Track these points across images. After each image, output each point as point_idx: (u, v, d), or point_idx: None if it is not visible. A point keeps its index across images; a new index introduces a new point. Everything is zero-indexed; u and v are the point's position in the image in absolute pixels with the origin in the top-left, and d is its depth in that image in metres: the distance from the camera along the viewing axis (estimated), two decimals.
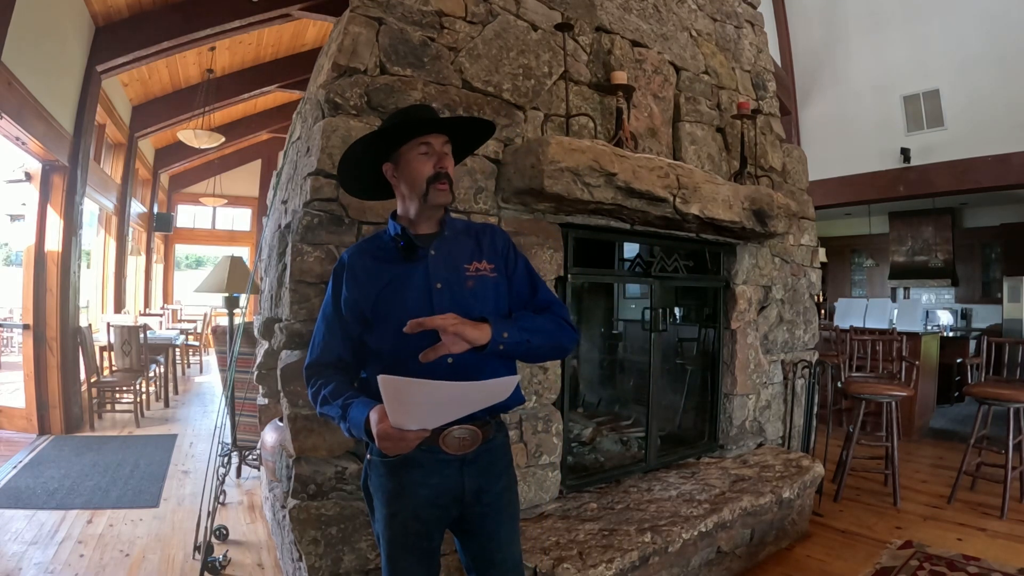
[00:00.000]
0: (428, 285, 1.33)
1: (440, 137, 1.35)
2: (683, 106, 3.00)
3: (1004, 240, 8.15)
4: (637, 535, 2.11)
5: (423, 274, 1.34)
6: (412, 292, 1.33)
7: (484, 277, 1.38)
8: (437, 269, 1.35)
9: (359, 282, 1.34)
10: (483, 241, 1.44)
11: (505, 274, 1.42)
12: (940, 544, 2.79)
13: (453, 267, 1.36)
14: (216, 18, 4.93)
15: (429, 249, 1.36)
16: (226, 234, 11.13)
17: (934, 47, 6.66)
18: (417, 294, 1.32)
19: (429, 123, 1.34)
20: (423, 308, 1.30)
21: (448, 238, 1.39)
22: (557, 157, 2.10)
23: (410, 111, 1.37)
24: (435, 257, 1.36)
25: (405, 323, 1.22)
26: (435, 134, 1.35)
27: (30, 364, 4.46)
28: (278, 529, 2.49)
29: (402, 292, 1.32)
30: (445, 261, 1.36)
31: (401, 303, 1.31)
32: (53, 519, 2.89)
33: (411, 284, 1.33)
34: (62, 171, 4.60)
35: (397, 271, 1.35)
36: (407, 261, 1.35)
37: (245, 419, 3.35)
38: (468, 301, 1.34)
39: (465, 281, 1.36)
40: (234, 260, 3.54)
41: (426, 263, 1.35)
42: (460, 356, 1.26)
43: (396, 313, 1.30)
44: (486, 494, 1.36)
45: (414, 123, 1.33)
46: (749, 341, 3.20)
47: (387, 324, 1.30)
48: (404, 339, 1.23)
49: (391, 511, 1.32)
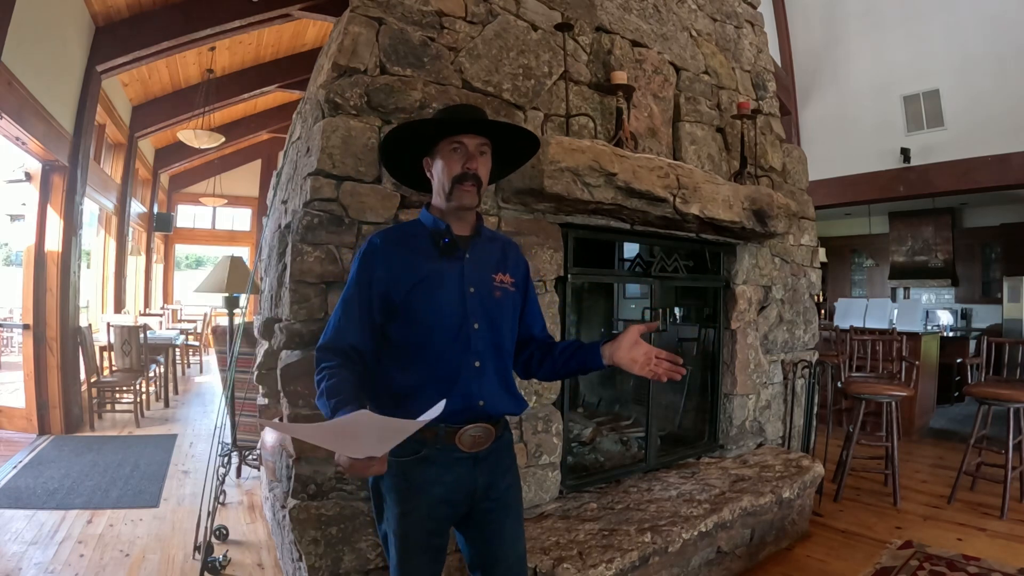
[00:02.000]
0: (462, 288, 1.34)
1: (476, 139, 1.34)
2: (683, 106, 3.00)
3: (1004, 240, 8.15)
4: (637, 535, 2.11)
5: (459, 276, 1.34)
6: (447, 292, 1.32)
7: (507, 290, 1.41)
8: (471, 273, 1.36)
9: (393, 270, 1.31)
10: (509, 255, 1.47)
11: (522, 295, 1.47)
12: (940, 544, 2.79)
13: (483, 274, 1.38)
14: (216, 18, 4.93)
15: (465, 252, 1.37)
16: (226, 234, 11.13)
17: (934, 47, 6.66)
18: (451, 296, 1.32)
19: (465, 123, 1.34)
20: (456, 310, 1.32)
21: (481, 243, 1.41)
22: (557, 157, 2.10)
23: (456, 109, 1.39)
24: (470, 261, 1.37)
25: (435, 322, 1.29)
26: (472, 135, 1.33)
27: (30, 364, 4.46)
28: (278, 529, 2.49)
29: (437, 291, 1.32)
30: (477, 266, 1.37)
31: (435, 302, 1.31)
32: (53, 519, 2.89)
33: (446, 284, 1.33)
34: (62, 171, 4.60)
35: (433, 267, 1.33)
36: (443, 258, 1.34)
37: (245, 419, 3.35)
38: (494, 311, 1.37)
39: (493, 291, 1.38)
40: (234, 260, 3.54)
41: (462, 265, 1.35)
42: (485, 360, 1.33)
43: (427, 310, 1.30)
44: (494, 490, 1.38)
45: (451, 120, 1.34)
46: (749, 341, 3.20)
47: (416, 320, 1.30)
48: (433, 337, 1.29)
49: (405, 509, 1.31)
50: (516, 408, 1.42)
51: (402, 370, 1.32)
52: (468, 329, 1.32)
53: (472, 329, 1.33)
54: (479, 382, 1.33)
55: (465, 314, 1.32)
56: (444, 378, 1.30)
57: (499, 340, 1.38)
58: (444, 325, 1.31)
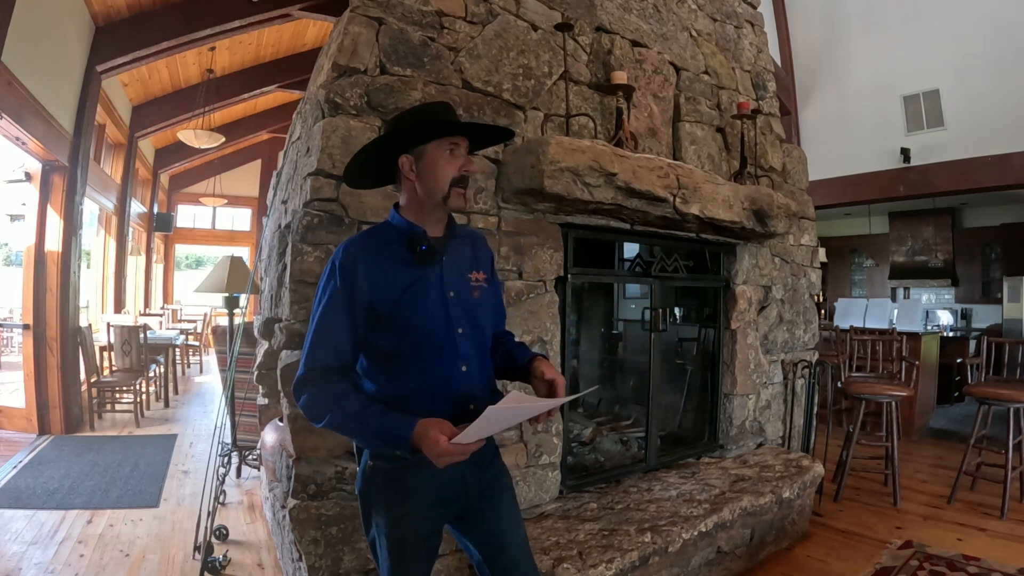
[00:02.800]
0: (443, 293, 1.32)
1: (465, 140, 1.33)
2: (683, 106, 3.00)
3: (1004, 240, 8.15)
4: (637, 535, 2.11)
5: (438, 281, 1.32)
6: (430, 300, 1.31)
7: (483, 287, 1.40)
8: (449, 277, 1.34)
9: (376, 284, 1.26)
10: (478, 250, 1.46)
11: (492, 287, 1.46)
12: (940, 544, 2.79)
13: (460, 275, 1.36)
14: (216, 18, 4.92)
15: (442, 255, 1.34)
16: (226, 234, 11.13)
17: (934, 47, 6.66)
18: (434, 303, 1.31)
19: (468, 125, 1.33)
20: (440, 316, 1.31)
21: (454, 244, 1.38)
22: (557, 157, 2.10)
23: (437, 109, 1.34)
24: (446, 263, 1.35)
25: (424, 330, 1.28)
26: (462, 137, 1.32)
27: (30, 364, 4.46)
28: (278, 529, 2.49)
29: (422, 298, 1.30)
30: (453, 269, 1.36)
31: (422, 310, 1.29)
32: (53, 519, 2.89)
33: (429, 291, 1.31)
34: (62, 171, 4.60)
35: (415, 275, 1.30)
36: (421, 264, 1.31)
37: (245, 419, 3.35)
38: (474, 311, 1.36)
39: (472, 291, 1.37)
40: (234, 260, 3.54)
41: (440, 269, 1.33)
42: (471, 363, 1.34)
43: (416, 319, 1.28)
44: (483, 480, 1.38)
45: (453, 122, 1.31)
46: (749, 341, 3.20)
47: (403, 330, 1.28)
48: (423, 345, 1.28)
49: (399, 513, 1.30)
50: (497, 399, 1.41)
51: (391, 380, 1.30)
52: (453, 335, 1.31)
53: (457, 334, 1.32)
54: (468, 386, 1.32)
55: (449, 320, 1.31)
56: (435, 385, 1.29)
57: (482, 341, 1.38)
58: (431, 333, 1.29)
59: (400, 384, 1.30)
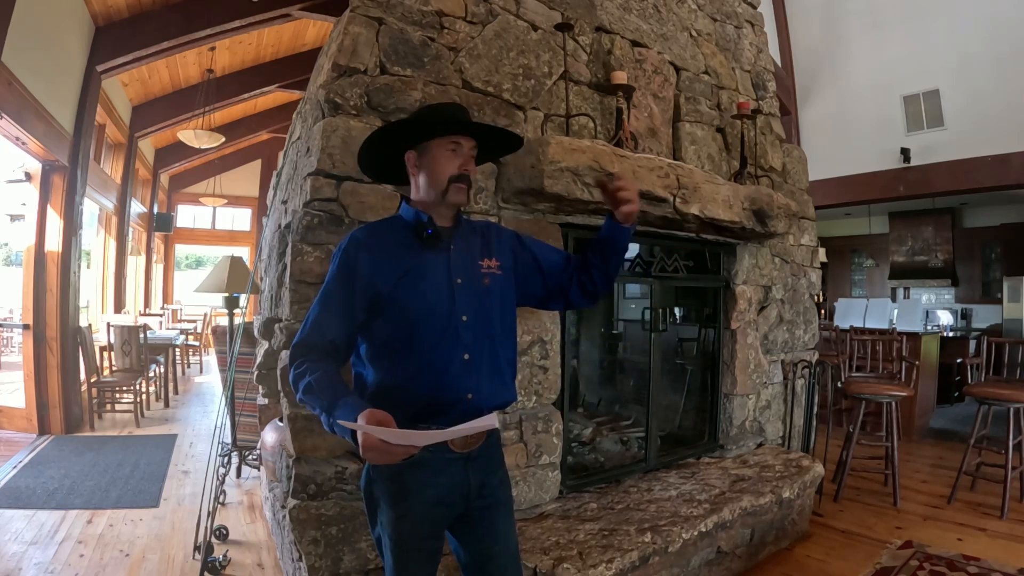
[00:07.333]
0: (450, 279, 1.33)
1: (470, 140, 1.36)
2: (683, 106, 3.00)
3: (1004, 240, 8.15)
4: (637, 535, 2.11)
5: (445, 267, 1.34)
6: (433, 284, 1.32)
7: (495, 275, 1.41)
8: (458, 264, 1.36)
9: (378, 264, 1.30)
10: (490, 239, 1.46)
11: (514, 267, 1.47)
12: (940, 544, 2.79)
13: (470, 263, 1.38)
14: (216, 18, 4.93)
15: (450, 242, 1.37)
16: (226, 234, 11.12)
17: (934, 47, 6.66)
18: (438, 287, 1.32)
19: (469, 125, 1.36)
20: (444, 303, 1.31)
21: (464, 233, 1.41)
22: (557, 157, 2.11)
23: (446, 108, 1.39)
24: (455, 251, 1.37)
25: (423, 315, 1.28)
26: (466, 136, 1.35)
27: (30, 364, 4.46)
28: (278, 529, 2.49)
29: (422, 283, 1.31)
30: (463, 256, 1.37)
31: (421, 294, 1.30)
32: (53, 519, 2.89)
33: (432, 276, 1.32)
34: (62, 171, 4.60)
35: (418, 260, 1.32)
36: (426, 250, 1.34)
37: (245, 419, 3.35)
38: (484, 298, 1.37)
39: (482, 278, 1.38)
40: (234, 260, 3.54)
41: (448, 256, 1.35)
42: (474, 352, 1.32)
43: (415, 304, 1.29)
44: (487, 487, 1.38)
45: (454, 121, 1.34)
46: (749, 341, 3.20)
47: (403, 314, 1.29)
48: (420, 331, 1.28)
49: (399, 513, 1.31)
50: (505, 399, 1.40)
51: (389, 366, 1.31)
52: (456, 322, 1.31)
53: (460, 321, 1.32)
54: (468, 375, 1.32)
55: (453, 306, 1.31)
56: (432, 372, 1.29)
57: (490, 331, 1.37)
58: (431, 318, 1.30)
59: (399, 370, 1.30)
